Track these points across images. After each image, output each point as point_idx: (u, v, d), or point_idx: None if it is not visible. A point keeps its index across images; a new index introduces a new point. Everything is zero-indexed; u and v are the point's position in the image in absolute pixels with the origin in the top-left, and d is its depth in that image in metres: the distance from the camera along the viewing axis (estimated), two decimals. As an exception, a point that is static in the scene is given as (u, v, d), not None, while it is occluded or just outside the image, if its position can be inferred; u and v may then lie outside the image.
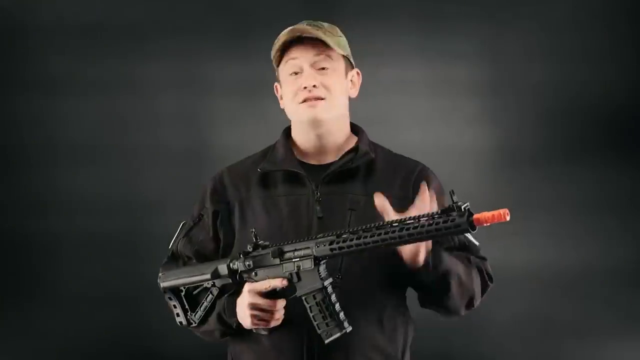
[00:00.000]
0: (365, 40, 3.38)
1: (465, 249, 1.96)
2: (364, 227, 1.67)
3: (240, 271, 1.83)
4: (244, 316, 1.83)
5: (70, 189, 3.48)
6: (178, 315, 1.93)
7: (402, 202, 1.85)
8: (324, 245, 1.71)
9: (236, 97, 3.50)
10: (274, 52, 1.94)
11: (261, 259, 1.80)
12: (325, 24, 1.95)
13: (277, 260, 1.78)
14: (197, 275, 1.89)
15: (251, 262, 1.80)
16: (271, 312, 1.80)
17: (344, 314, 1.75)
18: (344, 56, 1.94)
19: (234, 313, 1.87)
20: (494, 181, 3.51)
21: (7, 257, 3.47)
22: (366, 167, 1.94)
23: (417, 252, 1.74)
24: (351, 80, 1.97)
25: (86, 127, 3.49)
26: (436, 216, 1.58)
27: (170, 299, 1.93)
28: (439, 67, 3.50)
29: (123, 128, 3.50)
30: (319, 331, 1.75)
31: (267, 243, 1.80)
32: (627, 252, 3.48)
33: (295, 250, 1.76)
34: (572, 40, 3.51)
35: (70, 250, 3.47)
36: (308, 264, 1.74)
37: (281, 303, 1.80)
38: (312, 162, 1.96)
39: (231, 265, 1.84)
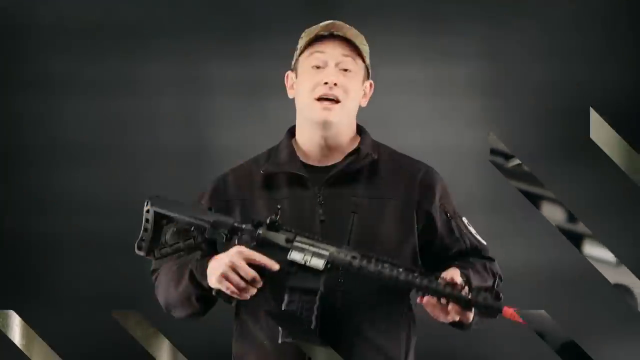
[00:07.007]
0: (366, 40, 3.38)
1: (476, 250, 1.96)
2: (392, 260, 1.69)
3: (241, 233, 1.77)
4: (214, 270, 1.75)
5: (70, 189, 3.48)
6: (143, 240, 1.83)
7: (406, 205, 1.84)
8: (345, 256, 1.70)
9: (236, 97, 3.49)
10: (302, 42, 1.94)
11: (272, 236, 1.76)
12: (354, 30, 1.97)
13: (289, 245, 1.74)
14: (197, 218, 1.81)
15: (260, 233, 1.75)
16: (244, 281, 1.72)
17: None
18: (364, 64, 1.96)
19: (205, 275, 1.80)
20: (493, 181, 3.50)
21: (7, 257, 3.47)
22: (369, 169, 1.94)
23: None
24: (363, 90, 1.98)
25: (86, 127, 3.49)
26: (474, 289, 1.64)
27: (147, 220, 1.84)
28: (439, 67, 3.50)
29: (123, 128, 3.50)
30: (281, 326, 1.72)
31: (287, 227, 1.76)
32: (627, 252, 3.47)
33: (313, 244, 1.74)
34: (572, 40, 3.51)
35: (70, 250, 3.47)
36: (318, 263, 1.72)
37: (259, 283, 1.74)
38: (315, 163, 1.96)
39: (236, 224, 1.79)
